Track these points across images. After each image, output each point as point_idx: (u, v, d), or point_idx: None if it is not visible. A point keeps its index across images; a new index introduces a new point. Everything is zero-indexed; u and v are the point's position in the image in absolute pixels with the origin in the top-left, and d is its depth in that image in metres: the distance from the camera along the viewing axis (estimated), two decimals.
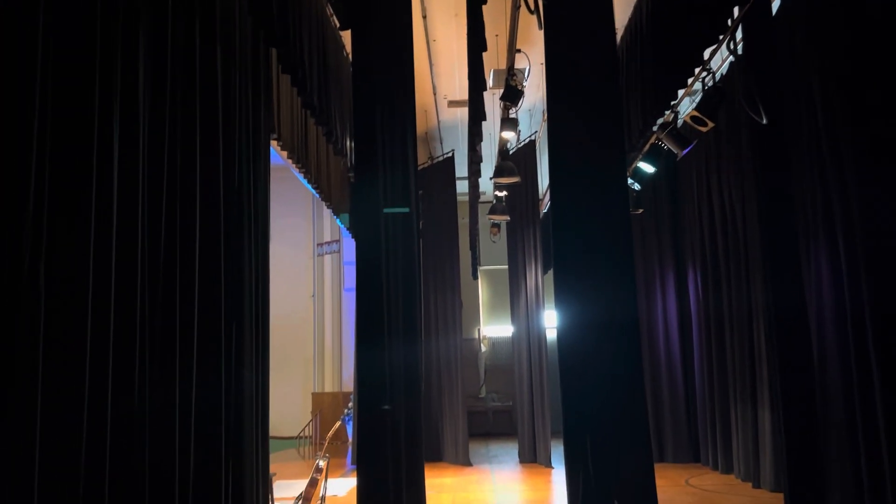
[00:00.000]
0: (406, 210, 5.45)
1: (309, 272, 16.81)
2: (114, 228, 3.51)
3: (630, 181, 9.36)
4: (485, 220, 12.95)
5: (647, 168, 8.83)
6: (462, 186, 12.95)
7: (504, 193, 11.19)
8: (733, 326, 9.02)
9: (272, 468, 6.23)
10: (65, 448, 3.08)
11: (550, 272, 11.41)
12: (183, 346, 4.30)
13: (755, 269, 8.12)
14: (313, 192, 8.95)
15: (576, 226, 4.90)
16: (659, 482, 4.74)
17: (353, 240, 9.26)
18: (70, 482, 3.09)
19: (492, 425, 16.05)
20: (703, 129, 7.07)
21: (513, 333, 12.49)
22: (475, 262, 15.70)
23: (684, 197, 10.80)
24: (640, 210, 10.36)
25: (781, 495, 5.88)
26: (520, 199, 12.06)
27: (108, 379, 3.38)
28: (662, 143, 8.16)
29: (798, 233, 6.23)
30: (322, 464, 7.53)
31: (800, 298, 5.58)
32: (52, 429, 3.03)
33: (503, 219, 11.67)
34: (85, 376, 3.20)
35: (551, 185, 5.21)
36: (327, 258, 16.75)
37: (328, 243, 16.68)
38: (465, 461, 11.31)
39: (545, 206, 13.10)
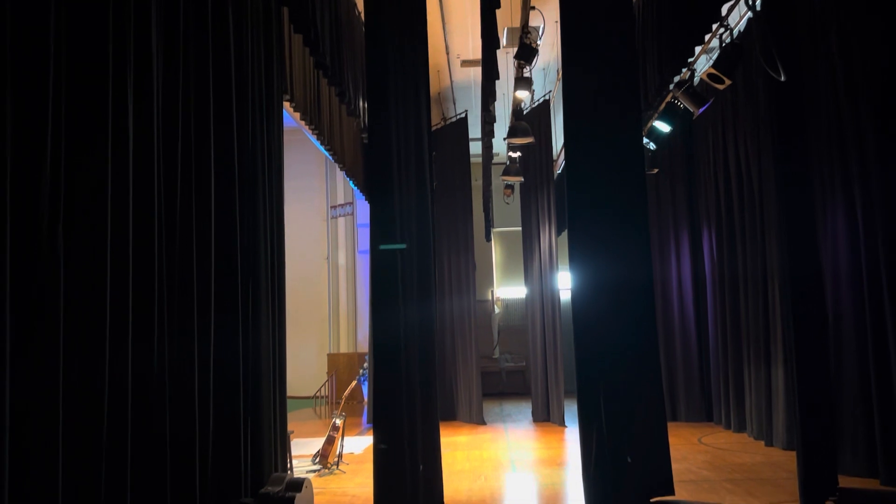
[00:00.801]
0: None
1: (323, 234, 16.88)
2: (130, 193, 3.53)
3: (645, 140, 9.25)
4: (498, 181, 12.87)
5: (663, 127, 8.73)
6: (475, 147, 12.85)
7: (518, 154, 11.10)
8: (748, 286, 8.99)
9: (289, 427, 6.34)
10: (86, 410, 3.16)
11: (564, 233, 11.39)
12: (200, 308, 4.35)
13: (771, 228, 8.06)
14: (326, 154, 8.92)
15: (590, 186, 4.88)
16: (672, 441, 4.79)
17: (367, 202, 9.25)
18: (92, 441, 3.17)
19: (505, 385, 16.19)
20: (720, 87, 6.97)
21: (526, 295, 12.51)
22: (488, 224, 15.66)
23: (700, 156, 10.68)
24: (656, 170, 10.25)
25: (794, 453, 5.91)
26: (534, 160, 11.97)
27: (127, 342, 3.44)
28: (679, 101, 8.05)
29: (815, 192, 6.16)
30: (339, 422, 7.66)
31: (815, 258, 5.54)
32: (75, 392, 3.10)
33: (517, 180, 11.58)
34: (105, 339, 3.25)
35: (566, 146, 5.17)
36: (341, 220, 16.80)
37: (342, 205, 16.71)
38: (479, 420, 11.44)
39: (559, 166, 13.00)
